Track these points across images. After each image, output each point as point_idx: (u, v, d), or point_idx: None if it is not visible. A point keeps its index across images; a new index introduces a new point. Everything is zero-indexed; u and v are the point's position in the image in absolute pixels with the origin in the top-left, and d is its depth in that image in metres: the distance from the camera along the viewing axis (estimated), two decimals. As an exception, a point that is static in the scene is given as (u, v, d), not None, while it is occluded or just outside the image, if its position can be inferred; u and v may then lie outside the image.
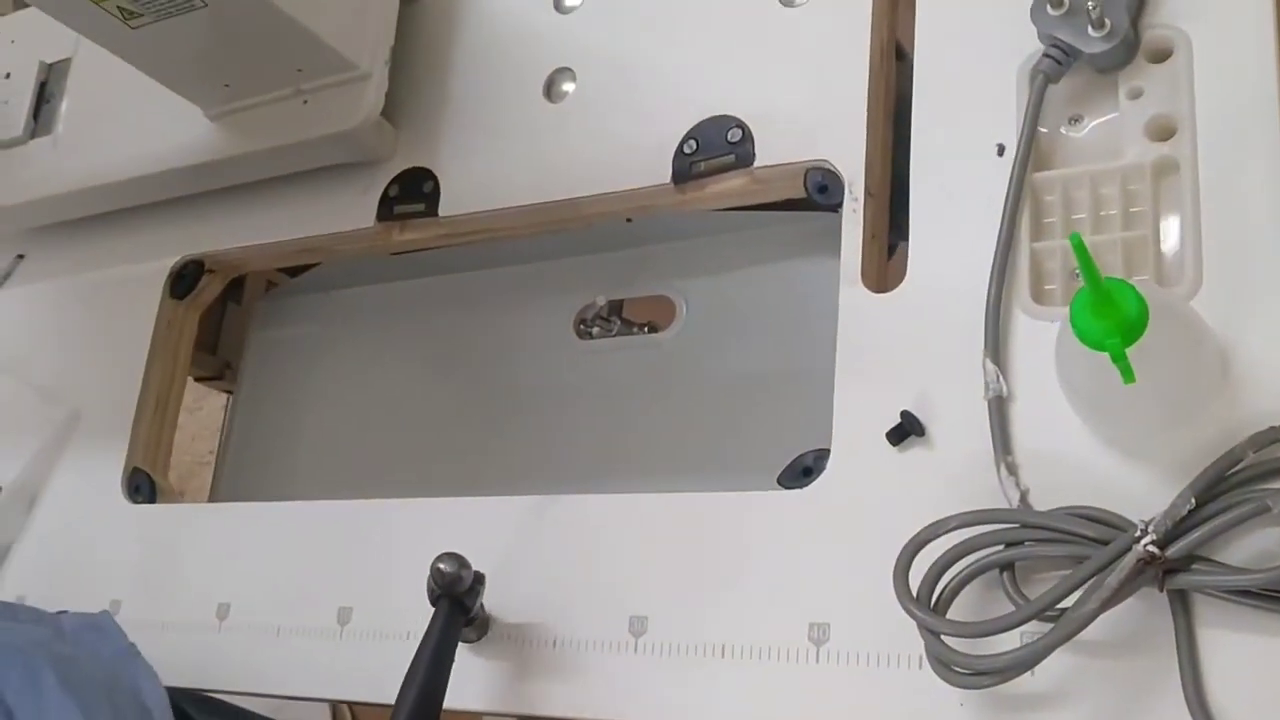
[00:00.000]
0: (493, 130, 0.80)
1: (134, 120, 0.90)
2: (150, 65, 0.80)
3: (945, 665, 0.52)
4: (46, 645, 0.64)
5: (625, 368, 0.80)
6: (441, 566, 0.63)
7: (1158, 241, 0.57)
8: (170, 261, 0.91)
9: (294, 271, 0.98)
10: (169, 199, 0.91)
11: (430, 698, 0.60)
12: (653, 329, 0.81)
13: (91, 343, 0.93)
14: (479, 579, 0.64)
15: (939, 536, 0.54)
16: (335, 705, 1.50)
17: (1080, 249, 0.44)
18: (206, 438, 1.75)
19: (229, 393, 1.05)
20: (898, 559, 0.54)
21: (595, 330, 0.83)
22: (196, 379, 1.06)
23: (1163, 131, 0.58)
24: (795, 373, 0.72)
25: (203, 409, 1.80)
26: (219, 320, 1.04)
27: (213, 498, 0.96)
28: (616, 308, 0.83)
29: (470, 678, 0.67)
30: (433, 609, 0.63)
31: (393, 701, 0.68)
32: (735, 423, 0.74)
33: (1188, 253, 0.55)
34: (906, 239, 0.64)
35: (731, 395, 0.75)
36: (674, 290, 0.81)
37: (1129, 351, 0.46)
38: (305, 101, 0.80)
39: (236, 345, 1.03)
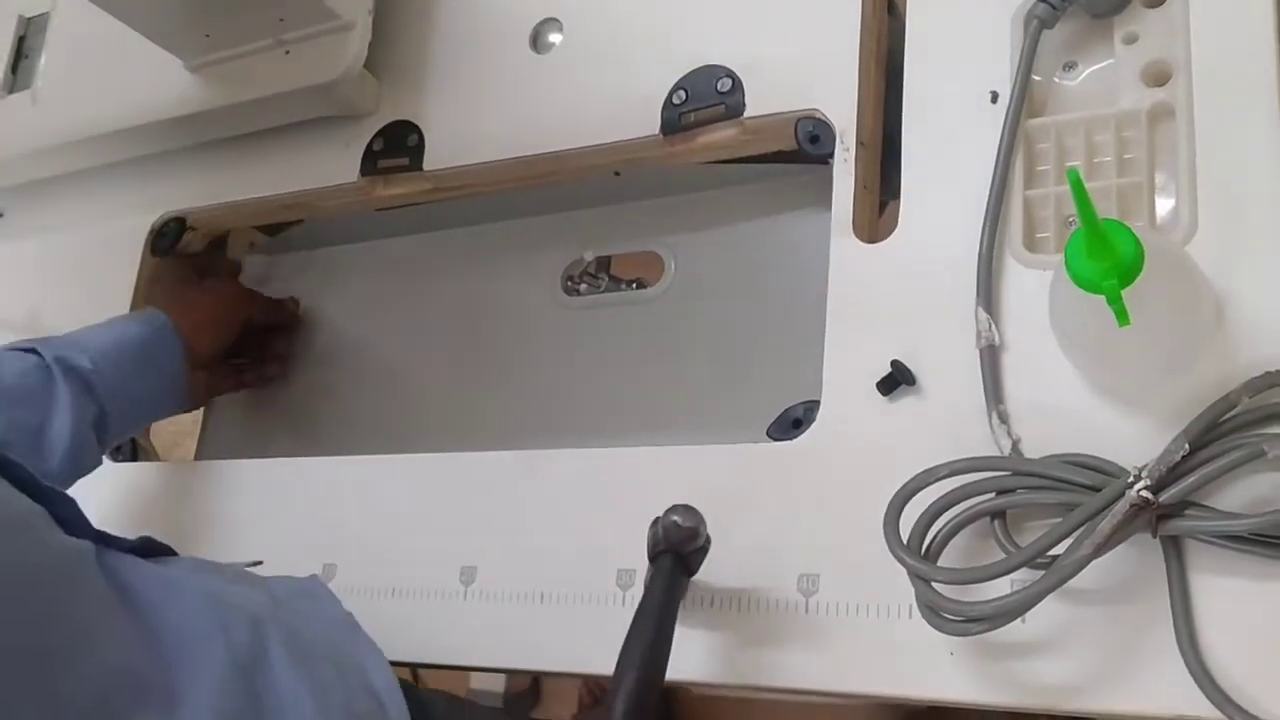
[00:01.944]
0: (478, 82, 0.79)
1: (114, 74, 0.89)
2: (130, 15, 0.79)
3: (936, 612, 0.52)
4: (272, 612, 0.57)
5: (613, 324, 0.80)
6: (677, 520, 0.55)
7: (1152, 188, 0.56)
8: (151, 218, 0.90)
9: (274, 229, 0.96)
10: (150, 155, 0.90)
11: (655, 662, 0.53)
12: (641, 285, 0.80)
13: (72, 301, 0.92)
14: (708, 541, 0.57)
15: (930, 485, 0.54)
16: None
17: (1078, 186, 0.43)
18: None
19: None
20: (888, 507, 0.53)
21: (583, 287, 0.82)
22: (179, 339, 1.05)
23: (1158, 77, 0.57)
24: (784, 326, 0.72)
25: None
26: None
27: (198, 457, 0.95)
28: (604, 264, 0.82)
29: (458, 633, 0.66)
30: (649, 563, 0.56)
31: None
32: (725, 376, 0.74)
33: (1183, 199, 0.55)
34: (897, 197, 0.63)
35: (720, 349, 0.75)
36: (662, 245, 0.80)
37: (1124, 294, 0.46)
38: (287, 52, 0.79)
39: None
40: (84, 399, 0.71)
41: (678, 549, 0.55)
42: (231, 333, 0.84)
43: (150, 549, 0.60)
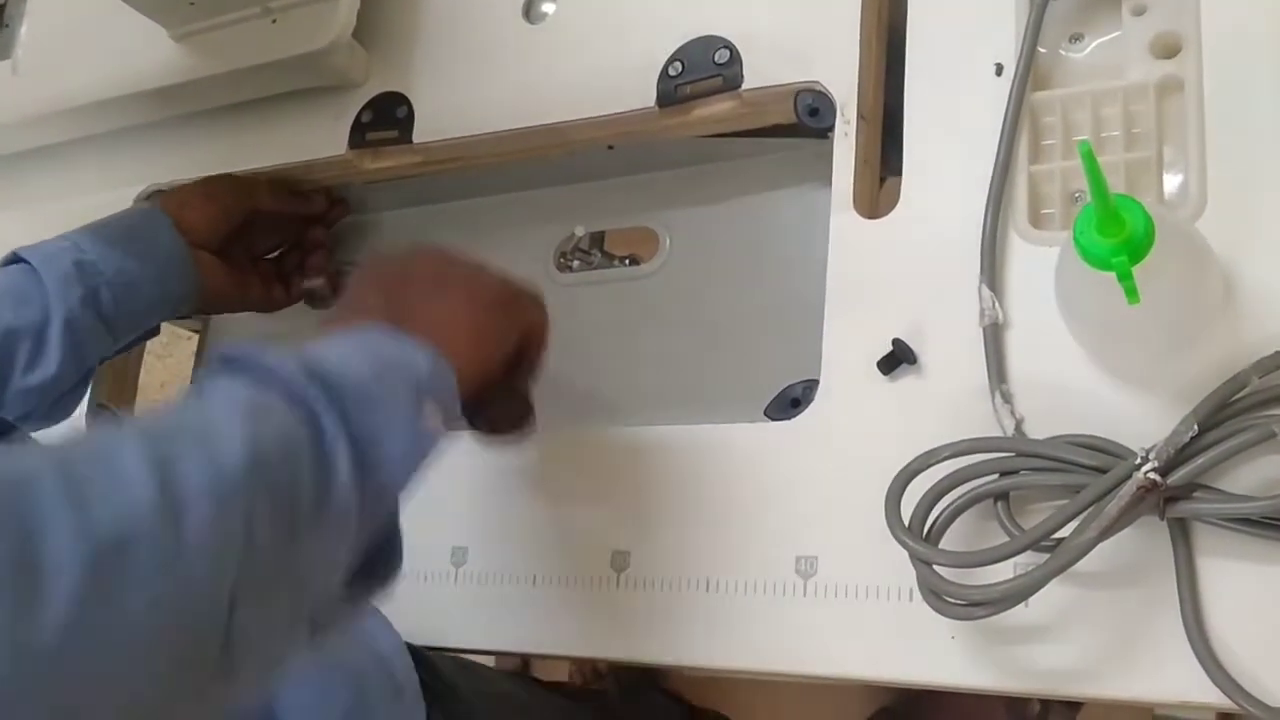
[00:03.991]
0: (470, 53, 0.77)
1: (96, 43, 0.87)
2: (112, -19, 0.77)
3: (938, 596, 0.51)
4: None
5: (607, 301, 0.78)
6: None
7: (1161, 163, 0.55)
8: (136, 191, 0.88)
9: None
10: (134, 126, 0.88)
11: None
12: (635, 261, 0.79)
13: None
14: None
15: (931, 466, 0.52)
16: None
17: (1089, 159, 0.42)
18: (177, 384, 1.73)
19: (198, 333, 1.02)
20: (889, 488, 0.52)
21: (575, 263, 0.81)
22: (164, 318, 1.03)
23: (1167, 49, 0.56)
24: (782, 304, 0.70)
25: (173, 356, 1.76)
26: (187, 255, 1.01)
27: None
28: (597, 239, 0.80)
29: (448, 615, 0.65)
30: None
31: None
32: (721, 355, 0.72)
33: (1192, 174, 0.54)
34: (898, 172, 0.62)
35: (717, 327, 0.73)
36: (657, 221, 0.78)
37: (1134, 271, 0.45)
38: (274, 21, 0.77)
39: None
40: (70, 283, 0.68)
41: None
42: (228, 213, 0.77)
43: None
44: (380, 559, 0.45)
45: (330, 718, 0.56)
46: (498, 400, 0.58)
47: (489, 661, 1.05)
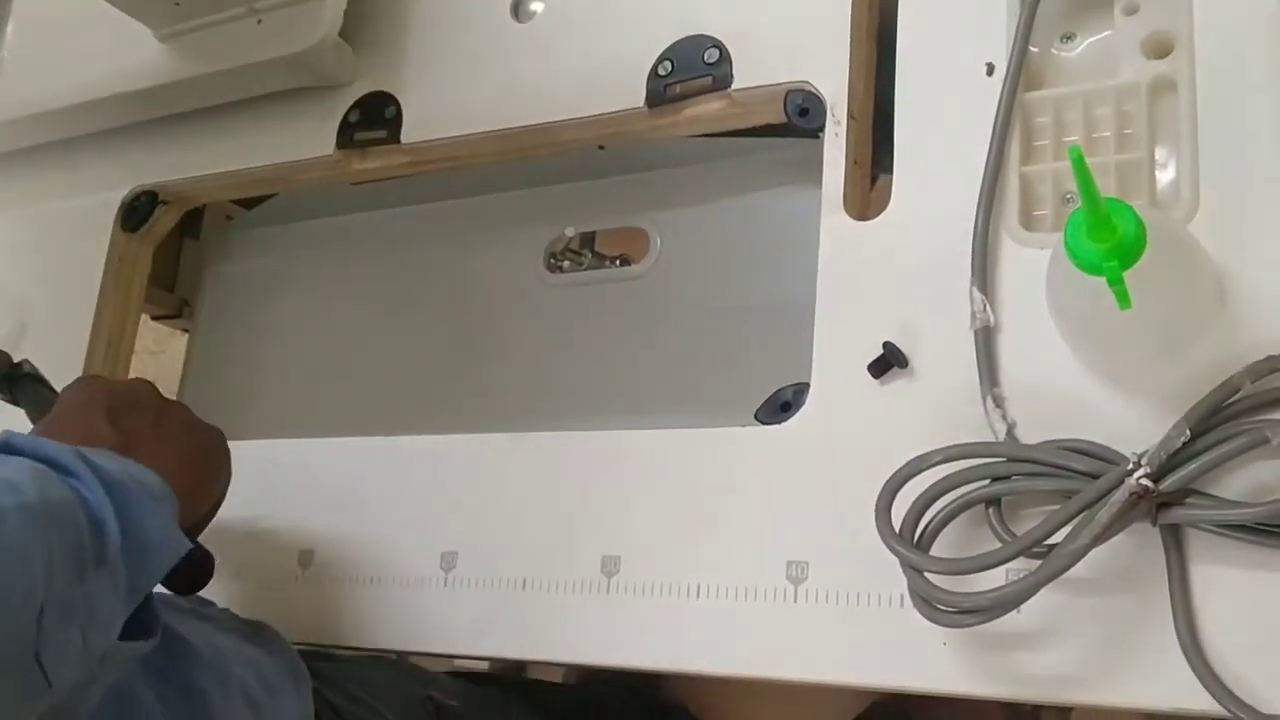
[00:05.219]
0: (458, 52, 0.76)
1: (81, 44, 0.86)
2: (96, -19, 0.76)
3: (929, 603, 0.50)
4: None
5: (597, 302, 0.78)
6: None
7: (1153, 164, 0.54)
8: (122, 193, 0.87)
9: (249, 204, 0.94)
10: (120, 127, 0.87)
11: None
12: (625, 262, 0.78)
13: (40, 279, 0.90)
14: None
15: (923, 471, 0.52)
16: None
17: (1080, 164, 0.41)
18: (168, 382, 1.71)
19: (188, 332, 1.02)
20: (880, 494, 0.52)
21: (566, 263, 0.80)
22: (154, 318, 1.03)
23: (1160, 48, 0.55)
24: (773, 306, 0.70)
25: (165, 353, 1.76)
26: (175, 256, 1.01)
27: (171, 439, 0.93)
28: (588, 240, 0.80)
29: (438, 621, 0.65)
30: None
31: (358, 645, 0.66)
32: (711, 358, 0.72)
33: (1184, 176, 0.53)
34: (889, 172, 0.61)
35: (707, 329, 0.73)
36: (648, 221, 0.78)
37: (1125, 276, 0.44)
38: (259, 21, 0.77)
39: (194, 282, 1.00)
40: None
41: None
42: None
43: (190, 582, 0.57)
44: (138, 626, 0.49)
45: None
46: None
47: (481, 667, 1.04)
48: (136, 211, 0.87)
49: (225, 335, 0.95)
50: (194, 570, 0.57)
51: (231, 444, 0.78)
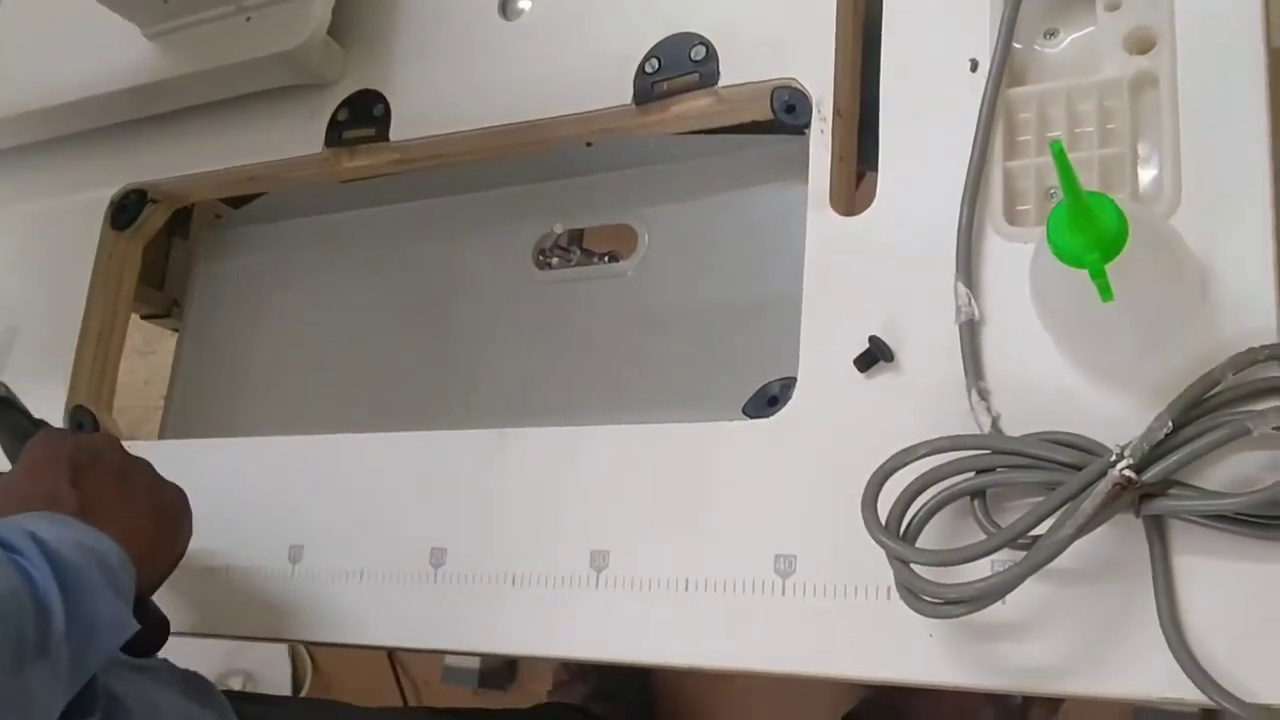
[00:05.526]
0: (446, 49, 0.76)
1: (69, 42, 0.86)
2: (84, -21, 0.76)
3: (915, 595, 0.51)
4: None
5: (585, 298, 0.78)
6: None
7: (1135, 159, 0.55)
8: (111, 191, 0.87)
9: (237, 202, 0.94)
10: (108, 125, 0.87)
11: None
12: (614, 258, 0.78)
13: (29, 278, 0.90)
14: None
15: (908, 464, 0.52)
16: (294, 647, 1.48)
17: (1061, 157, 0.42)
18: (159, 382, 1.71)
19: (177, 331, 1.02)
20: (866, 487, 0.52)
21: (554, 260, 0.80)
22: (144, 317, 1.02)
23: (1142, 44, 0.56)
24: (760, 301, 0.70)
25: (156, 353, 1.75)
26: (165, 255, 1.00)
27: (162, 435, 0.93)
28: (576, 237, 0.80)
29: (428, 616, 0.65)
30: None
31: (349, 642, 0.66)
32: (699, 353, 0.72)
33: (1166, 170, 0.53)
34: (874, 169, 0.62)
35: (695, 325, 0.73)
36: (636, 218, 0.78)
37: (1107, 269, 0.44)
38: (248, 19, 0.77)
39: (184, 281, 1.00)
40: None
41: None
42: None
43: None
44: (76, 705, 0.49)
45: None
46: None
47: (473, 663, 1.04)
48: (126, 210, 0.87)
49: (215, 333, 0.95)
50: (149, 634, 0.57)
51: (220, 441, 0.79)
